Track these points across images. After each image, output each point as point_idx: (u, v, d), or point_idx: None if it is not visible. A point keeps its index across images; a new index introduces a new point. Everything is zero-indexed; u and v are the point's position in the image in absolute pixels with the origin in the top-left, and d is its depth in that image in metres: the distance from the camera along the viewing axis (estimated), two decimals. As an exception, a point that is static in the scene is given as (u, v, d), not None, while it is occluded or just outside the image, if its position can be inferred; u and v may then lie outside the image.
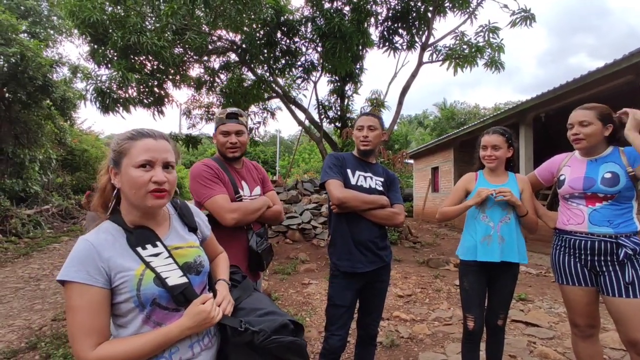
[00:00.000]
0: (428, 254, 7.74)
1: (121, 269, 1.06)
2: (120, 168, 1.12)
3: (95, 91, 6.90)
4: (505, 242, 2.27)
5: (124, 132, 1.17)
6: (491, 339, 2.41)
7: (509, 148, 2.39)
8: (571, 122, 2.19)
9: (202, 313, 1.10)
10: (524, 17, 7.99)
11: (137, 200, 1.11)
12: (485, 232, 2.34)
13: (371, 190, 2.28)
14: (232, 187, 2.04)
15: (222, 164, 2.10)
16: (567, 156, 2.35)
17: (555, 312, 4.25)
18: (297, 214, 8.17)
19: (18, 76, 11.10)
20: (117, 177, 1.13)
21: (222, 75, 10.10)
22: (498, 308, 2.35)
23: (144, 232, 1.15)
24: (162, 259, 1.13)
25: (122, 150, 1.12)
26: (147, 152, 1.11)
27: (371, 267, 2.21)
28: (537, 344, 3.38)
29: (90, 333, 1.01)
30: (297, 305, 4.54)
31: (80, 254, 1.04)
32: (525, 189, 2.38)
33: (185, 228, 1.29)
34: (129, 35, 6.29)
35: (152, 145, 1.12)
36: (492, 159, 2.37)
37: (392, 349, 3.39)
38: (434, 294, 5.03)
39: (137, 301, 1.06)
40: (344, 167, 2.30)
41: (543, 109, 9.09)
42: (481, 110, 29.28)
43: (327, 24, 7.49)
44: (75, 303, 1.01)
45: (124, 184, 1.12)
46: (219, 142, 2.11)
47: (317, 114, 10.72)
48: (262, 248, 2.07)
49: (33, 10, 12.68)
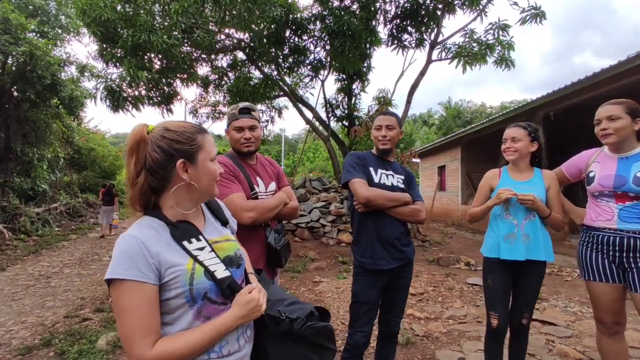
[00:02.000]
0: (437, 253, 7.70)
1: (172, 264, 1.03)
2: (196, 162, 1.11)
3: (106, 89, 6.91)
4: (531, 240, 2.23)
5: (182, 126, 1.13)
6: (515, 338, 2.36)
7: (533, 142, 2.33)
8: (599, 117, 2.14)
9: (252, 301, 1.11)
10: (534, 14, 7.92)
11: (210, 191, 1.16)
12: (509, 230, 2.30)
13: (394, 187, 2.28)
14: (248, 183, 2.02)
15: (236, 160, 2.08)
16: (595, 152, 2.30)
17: (571, 311, 4.20)
18: (306, 213, 8.16)
19: (27, 75, 11.17)
20: (189, 171, 1.10)
21: (229, 74, 10.10)
22: (523, 307, 2.31)
23: (187, 226, 1.13)
24: (207, 252, 1.12)
25: (198, 144, 1.12)
26: (213, 146, 1.17)
27: (395, 264, 2.20)
28: (555, 343, 3.34)
29: (147, 332, 0.98)
30: (310, 302, 4.51)
31: (129, 251, 1.00)
32: (551, 186, 2.31)
33: (218, 222, 1.29)
34: (139, 34, 6.29)
35: (212, 139, 1.18)
36: (512, 151, 2.33)
37: (407, 347, 3.37)
38: (446, 292, 4.99)
39: (189, 296, 1.05)
40: (366, 166, 2.29)
41: (552, 107, 9.02)
42: (487, 108, 29.16)
43: (336, 22, 7.46)
44: (129, 302, 0.98)
45: (200, 177, 1.12)
46: (233, 138, 2.09)
47: (325, 113, 10.70)
48: (280, 244, 2.06)
49: (41, 10, 12.75)
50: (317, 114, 10.22)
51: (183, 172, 1.09)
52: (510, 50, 8.31)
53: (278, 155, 34.95)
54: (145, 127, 1.10)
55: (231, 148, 2.16)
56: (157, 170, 1.08)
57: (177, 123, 1.14)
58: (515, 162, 2.38)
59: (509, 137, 2.35)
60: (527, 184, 2.31)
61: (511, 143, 2.34)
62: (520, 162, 2.37)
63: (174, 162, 1.08)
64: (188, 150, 1.09)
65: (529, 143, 2.32)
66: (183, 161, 1.08)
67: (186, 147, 1.09)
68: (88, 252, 8.52)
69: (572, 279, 5.77)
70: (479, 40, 8.36)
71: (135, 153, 1.08)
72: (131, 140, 1.09)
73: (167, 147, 1.07)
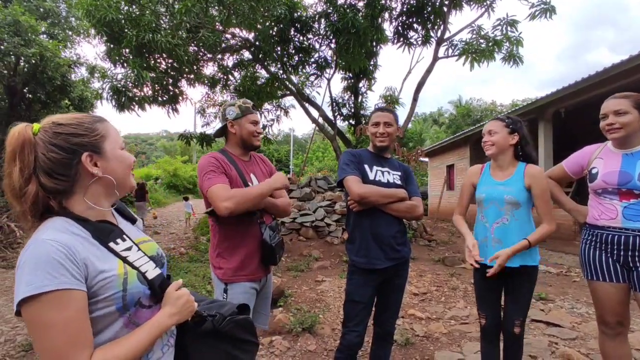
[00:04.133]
0: (443, 252, 7.60)
1: (101, 269, 0.92)
2: (104, 153, 1.00)
3: (111, 90, 6.98)
4: (502, 244, 2.13)
5: (76, 117, 1.01)
6: (507, 345, 2.26)
7: (512, 134, 2.19)
8: (604, 112, 2.05)
9: (183, 296, 1.05)
10: (544, 9, 7.77)
11: (127, 181, 1.06)
12: (483, 233, 2.25)
13: (390, 184, 2.23)
14: (241, 179, 2.00)
15: (230, 156, 2.06)
16: (598, 147, 2.19)
17: (577, 313, 4.10)
18: (311, 212, 8.13)
19: (37, 76, 11.36)
20: (99, 164, 0.99)
21: (235, 74, 10.12)
22: (512, 313, 2.19)
23: (108, 226, 1.02)
24: (135, 252, 1.03)
25: (101, 134, 1.01)
26: (118, 134, 1.07)
27: (389, 264, 2.16)
28: (559, 345, 3.25)
29: (83, 346, 0.86)
30: (311, 302, 4.49)
31: (51, 257, 0.84)
32: (535, 185, 2.12)
33: (129, 222, 1.19)
34: (143, 34, 6.33)
35: (112, 127, 1.08)
36: (489, 145, 2.22)
37: (407, 347, 3.32)
38: (449, 293, 4.92)
39: (121, 303, 0.94)
40: (361, 163, 2.25)
41: (562, 104, 8.83)
42: (498, 107, 28.79)
43: (341, 19, 7.41)
44: (59, 316, 0.83)
45: (114, 168, 1.02)
46: (247, 130, 2.07)
47: (331, 111, 10.65)
48: (275, 241, 2.04)
49: (52, 12, 12.95)
50: (324, 113, 10.18)
51: (92, 166, 0.97)
52: (518, 47, 8.16)
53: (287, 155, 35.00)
54: (28, 127, 0.95)
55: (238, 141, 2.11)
56: (59, 171, 0.94)
57: (68, 116, 1.01)
58: (494, 157, 2.26)
59: (485, 131, 2.26)
60: (505, 184, 2.19)
61: (487, 137, 2.23)
62: (501, 157, 2.23)
63: (77, 158, 0.95)
64: (91, 142, 0.98)
65: (507, 135, 2.19)
66: (89, 154, 0.97)
67: (88, 139, 0.98)
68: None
69: (581, 279, 5.64)
70: (487, 36, 8.24)
71: (19, 158, 0.92)
72: (12, 143, 0.93)
73: (65, 144, 0.95)
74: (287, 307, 4.29)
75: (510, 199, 2.14)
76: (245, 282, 1.99)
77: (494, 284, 2.24)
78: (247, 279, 2.00)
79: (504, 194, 2.16)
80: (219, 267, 2.01)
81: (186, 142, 9.78)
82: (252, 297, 2.04)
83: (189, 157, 33.92)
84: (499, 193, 2.18)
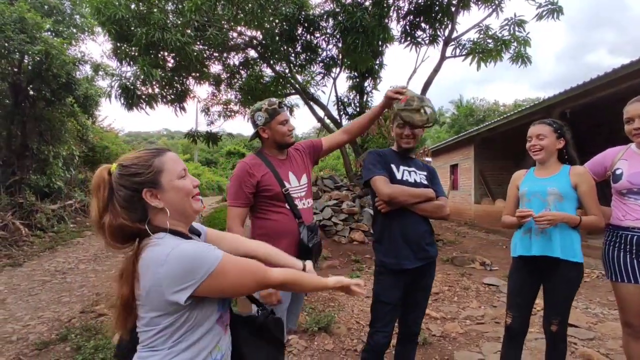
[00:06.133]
0: (451, 252, 7.60)
1: None
2: (161, 186, 1.11)
3: (120, 87, 6.96)
4: (547, 234, 2.11)
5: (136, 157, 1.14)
6: (549, 347, 2.24)
7: (559, 139, 2.22)
8: (630, 115, 2.06)
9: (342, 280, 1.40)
10: (551, 9, 7.77)
11: (188, 207, 1.16)
12: (526, 226, 2.22)
13: (417, 184, 2.22)
14: (278, 181, 2.04)
15: (266, 158, 2.10)
16: (621, 149, 2.21)
17: (592, 313, 4.09)
18: (318, 211, 8.12)
19: (42, 74, 11.30)
20: (159, 196, 1.11)
21: (241, 72, 10.11)
22: (550, 312, 2.19)
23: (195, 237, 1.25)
24: None
25: (156, 170, 1.11)
26: (177, 162, 1.16)
27: (418, 264, 2.15)
28: (577, 345, 3.25)
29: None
30: (324, 301, 4.48)
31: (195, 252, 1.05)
32: (582, 183, 2.13)
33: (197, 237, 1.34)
34: (152, 32, 6.31)
35: (175, 156, 1.18)
36: (537, 149, 2.22)
37: (425, 347, 3.31)
38: (462, 292, 4.91)
39: (220, 301, 1.15)
40: (387, 163, 2.23)
41: (569, 105, 8.81)
42: (500, 107, 28.77)
43: (349, 18, 7.41)
44: (234, 269, 1.09)
45: (172, 198, 1.12)
46: (280, 132, 2.09)
47: (336, 111, 10.65)
48: (312, 242, 2.05)
49: (57, 9, 12.90)
50: (329, 112, 10.18)
51: (153, 199, 1.10)
52: (526, 47, 8.16)
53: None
54: (105, 170, 1.12)
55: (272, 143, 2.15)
56: (130, 206, 1.09)
57: (130, 156, 1.15)
58: (541, 161, 2.26)
59: (533, 135, 2.24)
60: (549, 179, 2.19)
61: (536, 141, 2.22)
62: (547, 161, 2.24)
63: (139, 195, 1.09)
64: (148, 179, 1.10)
65: (555, 140, 2.21)
66: (147, 190, 1.09)
67: (144, 176, 1.10)
68: (103, 249, 8.60)
69: (591, 279, 5.64)
70: (495, 36, 8.23)
71: (95, 195, 1.11)
72: (93, 182, 1.12)
73: (129, 184, 1.09)
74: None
75: (553, 190, 2.13)
76: None
77: (526, 282, 2.23)
78: None
79: (548, 186, 2.15)
80: None
81: (192, 140, 9.77)
82: (288, 296, 2.03)
83: (190, 156, 33.88)
84: (541, 186, 2.17)
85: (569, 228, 2.13)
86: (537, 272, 2.22)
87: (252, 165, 2.03)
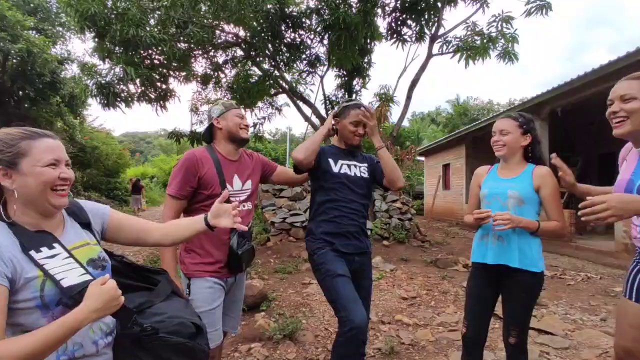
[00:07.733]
0: (437, 254, 7.44)
1: (24, 269, 1.05)
2: (20, 169, 1.09)
3: (96, 86, 6.79)
4: (504, 242, 1.97)
5: (6, 132, 1.13)
6: (508, 356, 2.08)
7: (525, 135, 2.04)
8: (611, 97, 1.58)
9: (107, 292, 1.05)
10: (540, 6, 7.60)
11: (43, 198, 1.11)
12: (483, 230, 2.08)
13: (357, 178, 2.27)
14: (220, 182, 1.98)
15: (215, 154, 2.05)
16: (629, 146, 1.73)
17: (571, 319, 3.93)
18: (302, 211, 7.96)
19: (26, 73, 11.14)
20: (13, 177, 1.09)
21: (227, 71, 9.94)
22: (508, 322, 2.04)
23: (37, 234, 1.12)
24: (59, 260, 1.11)
25: (19, 151, 1.09)
26: (51, 151, 1.12)
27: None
28: (550, 355, 3.09)
29: None
30: (295, 306, 4.31)
31: None
32: (544, 185, 1.96)
33: (78, 225, 1.28)
34: (127, 28, 6.13)
35: (53, 144, 1.14)
36: (500, 145, 2.06)
37: (390, 356, 3.15)
38: (440, 297, 4.75)
39: (40, 302, 1.05)
40: (323, 157, 2.27)
41: (559, 102, 8.67)
42: (495, 105, 28.67)
43: (332, 14, 7.23)
44: None
45: (27, 184, 1.09)
46: (234, 122, 2.06)
47: (324, 109, 10.46)
48: (242, 249, 1.97)
49: (41, 7, 12.74)
50: (317, 111, 9.99)
51: (5, 178, 1.09)
52: (514, 44, 7.99)
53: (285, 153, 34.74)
54: None
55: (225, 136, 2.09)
56: None
57: (4, 130, 1.14)
58: (505, 158, 2.10)
59: (497, 130, 2.08)
60: (511, 181, 2.04)
61: (499, 136, 2.06)
62: (511, 158, 2.08)
63: None
64: (6, 157, 1.09)
65: (520, 136, 2.04)
66: (2, 168, 1.09)
67: (4, 154, 1.09)
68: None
69: (576, 282, 5.49)
70: (482, 33, 8.07)
71: None
72: None
73: None
74: (269, 312, 4.12)
75: (513, 193, 1.98)
76: (209, 277, 1.93)
77: (483, 290, 2.09)
78: (212, 275, 1.94)
79: (508, 189, 2.00)
80: (183, 262, 1.99)
81: (176, 140, 9.61)
82: (218, 293, 1.96)
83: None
84: (502, 189, 2.02)
85: (528, 235, 1.97)
86: (495, 280, 2.06)
87: (200, 159, 1.98)
